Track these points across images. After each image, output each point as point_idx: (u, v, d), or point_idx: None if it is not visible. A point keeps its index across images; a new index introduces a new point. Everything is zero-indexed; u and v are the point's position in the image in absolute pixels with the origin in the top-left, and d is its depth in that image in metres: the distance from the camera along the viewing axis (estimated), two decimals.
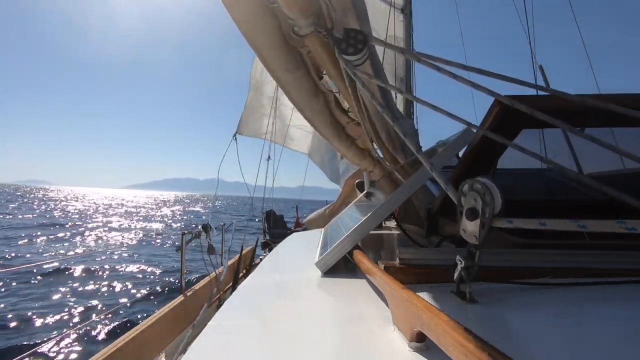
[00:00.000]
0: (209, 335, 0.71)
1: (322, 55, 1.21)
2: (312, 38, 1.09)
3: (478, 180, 0.72)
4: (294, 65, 1.34)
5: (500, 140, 0.83)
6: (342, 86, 1.40)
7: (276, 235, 7.26)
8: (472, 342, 0.42)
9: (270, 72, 1.37)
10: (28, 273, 8.21)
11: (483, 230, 0.71)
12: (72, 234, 16.16)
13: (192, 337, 3.10)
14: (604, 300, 0.81)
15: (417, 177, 1.27)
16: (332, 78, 1.41)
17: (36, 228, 17.37)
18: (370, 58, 1.08)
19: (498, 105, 0.97)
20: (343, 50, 1.00)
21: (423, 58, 0.92)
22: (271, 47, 1.22)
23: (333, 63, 1.22)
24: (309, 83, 1.49)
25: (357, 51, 1.00)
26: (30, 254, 11.01)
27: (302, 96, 1.54)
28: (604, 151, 0.84)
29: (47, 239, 14.03)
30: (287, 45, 1.24)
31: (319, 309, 0.86)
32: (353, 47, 1.00)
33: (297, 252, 1.78)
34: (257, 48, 1.21)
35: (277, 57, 1.27)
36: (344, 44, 1.00)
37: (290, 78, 1.40)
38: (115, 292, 7.82)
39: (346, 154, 2.37)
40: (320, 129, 1.90)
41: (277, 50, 1.23)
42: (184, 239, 3.40)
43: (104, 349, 2.22)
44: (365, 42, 1.00)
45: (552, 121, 0.76)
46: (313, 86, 1.54)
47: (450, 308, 0.75)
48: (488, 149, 1.09)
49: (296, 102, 1.58)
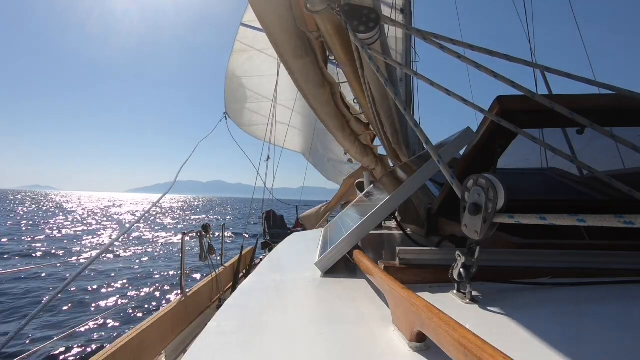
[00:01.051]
0: (209, 335, 0.71)
1: (332, 36, 1.21)
2: (324, 16, 1.08)
3: (483, 175, 0.73)
4: (303, 51, 1.38)
5: (512, 128, 0.82)
6: (350, 71, 1.42)
7: (276, 235, 7.26)
8: (472, 342, 0.42)
9: (280, 57, 1.41)
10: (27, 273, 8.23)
11: (485, 226, 0.71)
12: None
13: (192, 337, 3.10)
14: (604, 300, 0.81)
15: (418, 176, 1.27)
16: (340, 62, 1.42)
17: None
18: (381, 39, 1.07)
19: (498, 104, 0.97)
20: (355, 28, 0.98)
21: (429, 37, 0.92)
22: (282, 30, 1.23)
23: (343, 44, 1.22)
24: (316, 71, 1.53)
25: (368, 29, 0.98)
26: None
27: (309, 85, 1.57)
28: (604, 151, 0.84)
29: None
30: (297, 30, 1.27)
31: (319, 309, 0.86)
32: (365, 25, 0.98)
33: (297, 252, 1.78)
34: (269, 31, 1.24)
35: (287, 41, 1.29)
36: (357, 22, 0.98)
37: (299, 65, 1.43)
38: (115, 292, 7.82)
39: (350, 149, 2.38)
40: (325, 120, 1.93)
41: (287, 33, 1.26)
42: (184, 239, 3.40)
43: (104, 349, 2.22)
44: (377, 20, 0.98)
45: (576, 117, 0.75)
46: (320, 75, 1.57)
47: (450, 308, 0.75)
48: (488, 149, 1.09)
49: (303, 90, 1.62)
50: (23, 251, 12.09)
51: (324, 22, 1.15)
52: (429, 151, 0.90)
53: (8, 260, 10.60)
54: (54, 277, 8.66)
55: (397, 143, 2.00)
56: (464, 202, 0.79)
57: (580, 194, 1.48)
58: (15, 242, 14.06)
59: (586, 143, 0.84)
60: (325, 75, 1.60)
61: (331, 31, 1.19)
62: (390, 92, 0.99)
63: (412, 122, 0.94)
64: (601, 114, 0.95)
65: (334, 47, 1.30)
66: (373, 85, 1.44)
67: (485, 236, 0.72)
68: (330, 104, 1.79)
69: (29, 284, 7.91)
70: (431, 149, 0.88)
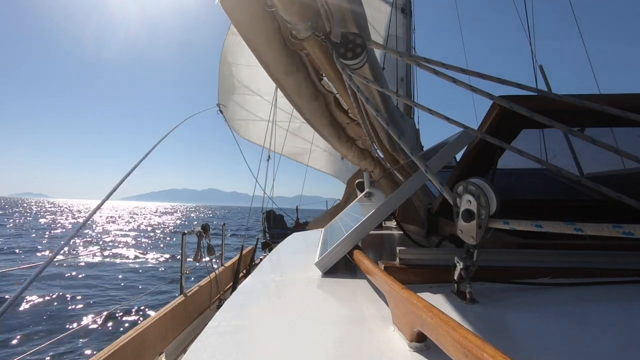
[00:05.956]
0: (209, 335, 0.71)
1: (321, 59, 1.20)
2: (311, 42, 1.09)
3: (471, 182, 0.72)
4: (294, 67, 1.34)
5: (497, 143, 0.83)
6: (341, 89, 1.40)
7: (276, 235, 7.26)
8: (472, 342, 0.42)
9: (270, 75, 1.36)
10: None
11: (480, 231, 0.71)
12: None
13: (192, 337, 3.10)
14: (604, 300, 0.81)
15: (417, 177, 1.27)
16: (331, 80, 1.42)
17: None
18: (369, 61, 1.08)
19: (497, 107, 0.97)
20: (341, 55, 0.99)
21: (422, 62, 0.92)
22: (271, 49, 1.21)
23: (332, 66, 1.22)
24: (308, 86, 1.49)
25: (355, 55, 0.99)
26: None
27: (302, 99, 1.54)
28: (604, 151, 0.84)
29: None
30: (286, 48, 1.24)
31: (319, 309, 0.86)
32: (352, 51, 0.99)
33: (297, 252, 1.78)
34: (256, 51, 1.21)
35: (277, 60, 1.27)
36: (343, 49, 0.99)
37: (290, 81, 1.39)
38: (115, 292, 7.82)
39: (347, 154, 2.37)
40: (320, 130, 1.91)
41: (276, 52, 1.23)
42: (184, 239, 3.39)
43: (104, 349, 2.21)
44: (363, 46, 0.99)
45: (551, 123, 0.76)
46: (313, 89, 1.54)
47: (450, 308, 0.75)
48: (487, 150, 1.09)
49: (296, 104, 1.58)
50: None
51: (312, 47, 1.15)
52: (416, 162, 0.88)
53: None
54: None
55: (395, 150, 2.00)
56: (456, 207, 0.78)
57: (579, 194, 1.48)
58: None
59: (586, 143, 0.84)
60: (318, 88, 1.57)
61: (319, 54, 1.18)
62: (373, 111, 1.00)
63: (396, 135, 0.93)
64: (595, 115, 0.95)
65: (323, 68, 1.29)
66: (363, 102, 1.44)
67: (482, 240, 0.72)
68: (324, 114, 1.75)
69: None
70: (418, 160, 0.87)
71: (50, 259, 1.18)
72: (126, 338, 2.39)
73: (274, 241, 6.64)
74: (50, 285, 7.92)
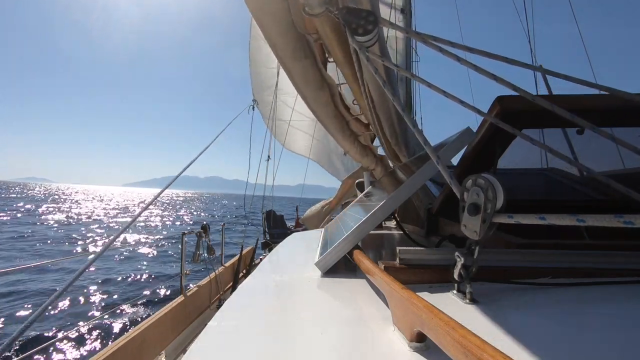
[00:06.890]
0: (209, 335, 0.71)
1: (331, 39, 1.21)
2: (322, 19, 1.09)
3: (482, 176, 0.73)
4: (302, 53, 1.38)
5: (509, 129, 0.82)
6: (348, 74, 1.42)
7: (276, 235, 7.25)
8: (472, 342, 0.42)
9: (279, 60, 1.41)
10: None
11: (484, 226, 0.71)
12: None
13: (192, 337, 3.10)
14: (604, 300, 0.81)
15: (418, 176, 1.27)
16: (339, 64, 1.43)
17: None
18: (379, 41, 1.08)
19: (498, 105, 0.97)
20: (354, 31, 0.98)
21: (428, 40, 0.92)
22: (280, 33, 1.24)
23: (342, 46, 1.23)
24: (315, 74, 1.53)
25: (367, 32, 0.98)
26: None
27: (308, 87, 1.58)
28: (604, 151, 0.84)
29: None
30: (295, 32, 1.27)
31: (319, 309, 0.86)
32: (363, 27, 0.98)
33: (297, 252, 1.78)
34: (268, 34, 1.24)
35: (286, 44, 1.30)
36: (355, 24, 0.98)
37: (298, 67, 1.43)
38: (115, 292, 7.82)
39: (350, 149, 2.39)
40: (325, 122, 1.93)
41: (286, 36, 1.26)
42: (184, 239, 3.39)
43: (104, 349, 2.21)
44: (375, 22, 0.99)
45: (574, 119, 0.76)
46: (319, 77, 1.57)
47: (450, 308, 0.75)
48: (488, 149, 1.09)
49: (303, 92, 1.62)
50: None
51: (323, 25, 1.16)
52: (427, 152, 0.90)
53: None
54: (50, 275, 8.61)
55: (397, 144, 2.00)
56: (462, 202, 0.79)
57: (580, 194, 1.48)
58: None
59: (586, 143, 0.84)
60: (324, 77, 1.60)
61: (329, 33, 1.19)
62: (388, 92, 0.99)
63: (410, 122, 0.94)
64: (600, 114, 0.95)
65: (332, 49, 1.30)
66: (371, 87, 1.45)
67: (485, 236, 0.72)
68: (329, 106, 1.79)
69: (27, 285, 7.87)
70: (430, 150, 0.88)
71: (101, 252, 1.27)
72: (126, 338, 2.39)
73: (274, 241, 6.63)
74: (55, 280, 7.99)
